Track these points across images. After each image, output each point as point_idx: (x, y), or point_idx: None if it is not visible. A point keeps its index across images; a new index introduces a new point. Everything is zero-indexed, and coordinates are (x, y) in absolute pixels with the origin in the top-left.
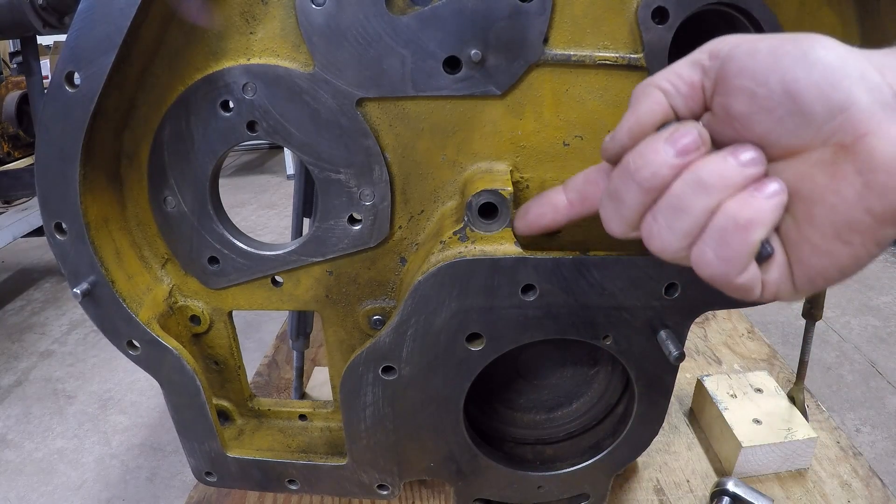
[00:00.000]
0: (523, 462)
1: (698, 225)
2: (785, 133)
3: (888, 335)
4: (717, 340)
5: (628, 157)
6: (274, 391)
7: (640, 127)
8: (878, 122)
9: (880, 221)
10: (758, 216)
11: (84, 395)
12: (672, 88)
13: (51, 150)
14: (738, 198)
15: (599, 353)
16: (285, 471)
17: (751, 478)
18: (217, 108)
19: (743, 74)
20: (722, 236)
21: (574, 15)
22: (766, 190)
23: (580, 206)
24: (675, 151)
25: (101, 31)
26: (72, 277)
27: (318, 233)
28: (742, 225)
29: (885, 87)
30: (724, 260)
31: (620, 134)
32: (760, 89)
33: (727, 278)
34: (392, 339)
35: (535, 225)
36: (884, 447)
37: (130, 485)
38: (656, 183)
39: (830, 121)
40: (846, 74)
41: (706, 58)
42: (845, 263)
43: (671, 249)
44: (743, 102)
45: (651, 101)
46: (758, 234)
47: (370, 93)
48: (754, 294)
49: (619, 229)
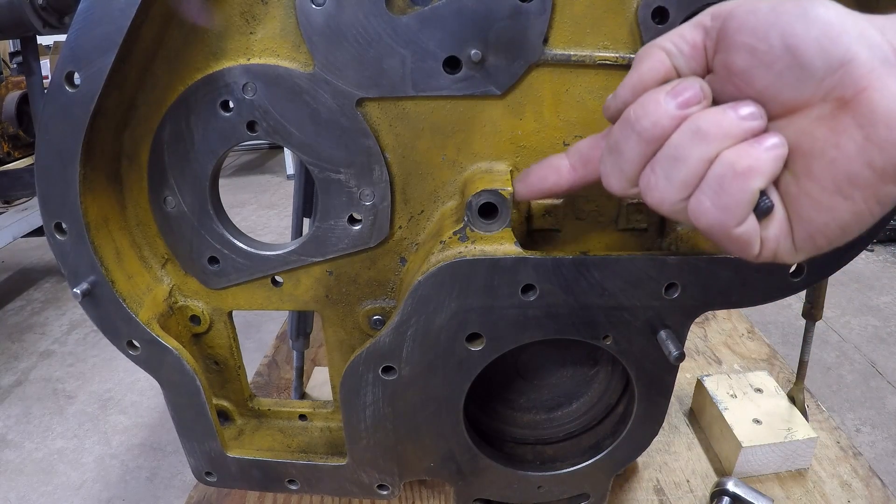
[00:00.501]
0: (523, 462)
1: (696, 174)
2: (785, 88)
3: (888, 335)
4: (717, 340)
5: (629, 109)
6: (274, 391)
7: (643, 84)
8: (878, 76)
9: (881, 176)
10: (756, 165)
11: (84, 395)
12: (674, 48)
13: (51, 150)
14: (736, 148)
15: (599, 353)
16: (285, 471)
17: (751, 478)
18: (217, 108)
19: (743, 30)
20: (720, 184)
21: (574, 15)
22: (765, 142)
23: (583, 170)
24: (676, 104)
25: (101, 31)
26: (72, 277)
27: (318, 233)
28: (740, 173)
29: (885, 44)
30: (722, 208)
31: (622, 91)
32: (761, 45)
33: (724, 228)
34: (392, 339)
35: (537, 188)
36: (884, 447)
37: (130, 485)
38: (656, 133)
39: (830, 75)
40: (845, 30)
41: (708, 19)
42: (846, 220)
43: (669, 201)
44: (743, 58)
45: (654, 60)
46: (756, 182)
47: (370, 93)
48: (753, 249)
49: (618, 184)
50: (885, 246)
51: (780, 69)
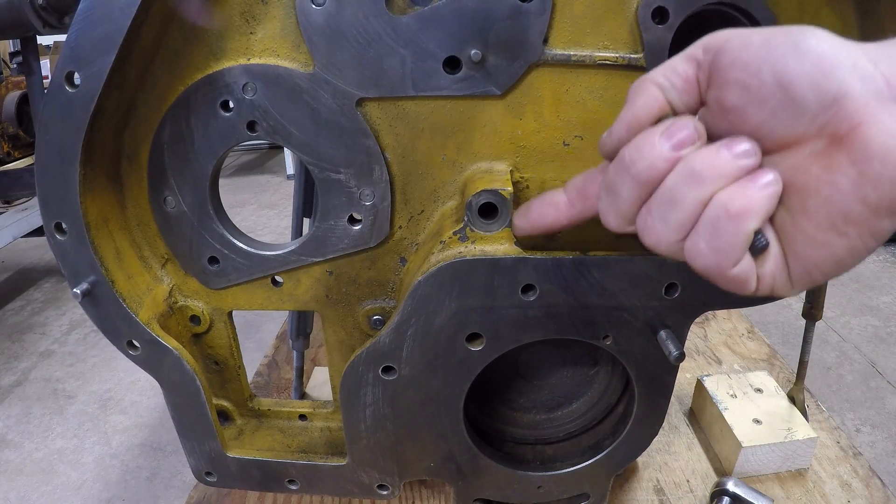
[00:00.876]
0: (523, 462)
1: (691, 217)
2: (779, 124)
3: (888, 335)
4: (717, 340)
5: (624, 151)
6: (274, 391)
7: (637, 121)
8: (871, 111)
9: (875, 212)
10: (751, 205)
11: (84, 395)
12: (667, 83)
13: (51, 150)
14: (731, 188)
15: (599, 353)
16: (285, 471)
17: (751, 478)
18: (217, 108)
19: (735, 66)
20: (714, 226)
21: (574, 15)
22: (759, 180)
23: (581, 205)
24: (670, 145)
25: (101, 31)
26: (72, 277)
27: (318, 233)
28: (734, 214)
29: (878, 77)
30: (717, 251)
31: (617, 129)
32: (753, 81)
33: (720, 270)
34: (392, 339)
35: (537, 224)
36: (884, 447)
37: (130, 485)
38: (652, 176)
39: (824, 111)
40: (838, 64)
41: (700, 52)
42: (842, 255)
43: (665, 243)
44: (736, 95)
45: (647, 97)
46: (751, 223)
47: (370, 93)
48: (749, 287)
49: (615, 223)
50: (885, 246)
51: (773, 106)
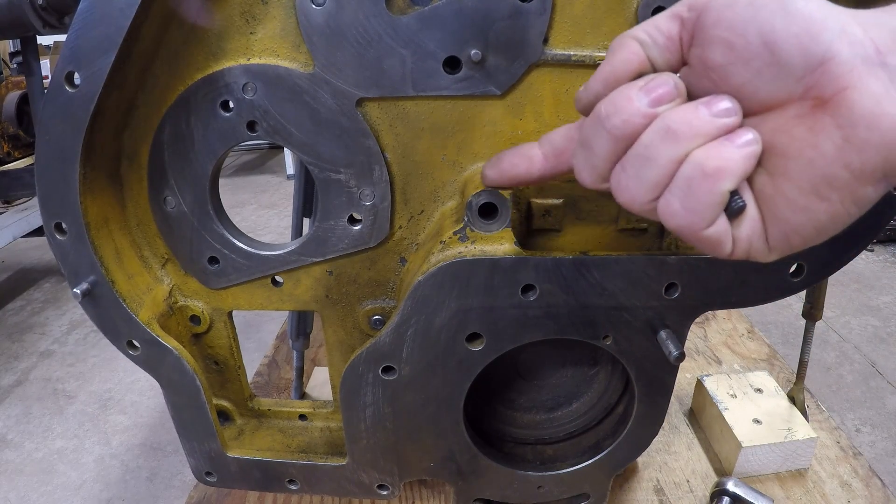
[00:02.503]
0: (523, 462)
1: (666, 175)
2: (763, 85)
3: (888, 335)
4: (717, 340)
5: (600, 105)
6: (274, 391)
7: (615, 76)
8: (858, 75)
9: (859, 177)
10: (727, 165)
11: (84, 395)
12: (649, 39)
13: (51, 150)
14: (706, 147)
15: (599, 353)
16: (285, 471)
17: (751, 478)
18: (217, 108)
19: (720, 24)
20: (689, 185)
21: (574, 15)
22: (737, 139)
23: (555, 161)
24: (648, 100)
25: (101, 31)
26: (72, 277)
27: (318, 233)
28: (709, 174)
29: (867, 42)
30: (691, 210)
31: (594, 83)
32: (738, 40)
33: (693, 230)
34: (392, 339)
35: (507, 175)
36: (884, 447)
37: (130, 485)
38: (627, 131)
39: (809, 73)
40: (826, 27)
41: (685, 9)
42: (822, 221)
43: (639, 201)
44: (720, 53)
45: (627, 51)
46: (726, 184)
47: (370, 93)
48: (724, 250)
49: (589, 179)
50: (885, 246)
51: (758, 66)
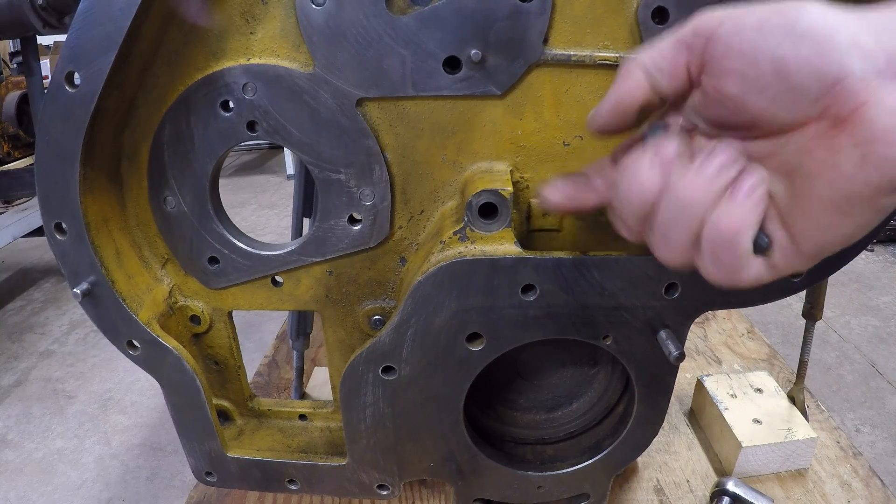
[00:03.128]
0: (523, 462)
1: (691, 240)
2: (780, 111)
3: (888, 335)
4: (717, 340)
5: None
6: (274, 391)
7: (622, 108)
8: (872, 91)
9: (879, 191)
10: (740, 220)
11: (84, 395)
12: (655, 68)
13: (51, 150)
14: (718, 210)
15: (599, 353)
16: (285, 471)
17: (751, 478)
18: (217, 108)
19: (730, 55)
20: (713, 251)
21: (574, 15)
22: (742, 189)
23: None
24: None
25: (101, 31)
26: (72, 277)
27: (318, 233)
28: (728, 238)
29: (878, 53)
30: (723, 269)
31: (602, 111)
32: (750, 70)
33: (732, 282)
34: (392, 339)
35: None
36: (884, 447)
37: (130, 485)
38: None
39: (825, 95)
40: (836, 45)
41: (690, 34)
42: (848, 232)
43: (673, 263)
44: (734, 85)
45: (633, 83)
46: (745, 237)
47: (370, 93)
48: (764, 280)
49: (628, 235)
50: (885, 246)
51: (773, 94)
